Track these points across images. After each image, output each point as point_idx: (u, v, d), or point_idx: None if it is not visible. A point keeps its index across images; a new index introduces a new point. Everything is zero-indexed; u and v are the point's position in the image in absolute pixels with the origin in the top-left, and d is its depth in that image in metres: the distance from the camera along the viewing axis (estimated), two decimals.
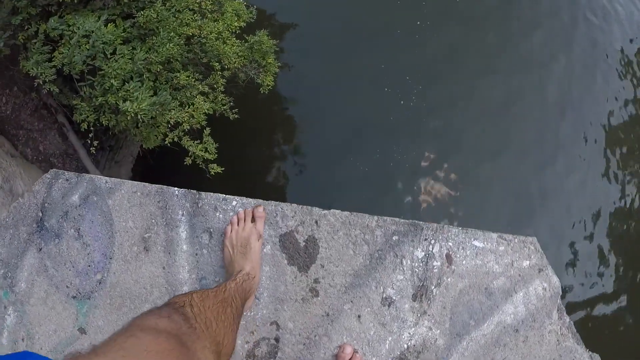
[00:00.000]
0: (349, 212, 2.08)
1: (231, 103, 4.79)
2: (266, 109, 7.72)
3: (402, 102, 8.08)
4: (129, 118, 4.04)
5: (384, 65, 8.33)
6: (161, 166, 6.70)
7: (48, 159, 6.12)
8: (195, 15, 4.61)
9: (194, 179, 4.64)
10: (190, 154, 4.37)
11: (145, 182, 2.24)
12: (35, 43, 4.91)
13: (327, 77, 8.12)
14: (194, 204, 2.15)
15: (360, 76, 8.20)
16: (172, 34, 4.31)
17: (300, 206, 2.10)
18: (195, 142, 4.38)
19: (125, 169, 6.83)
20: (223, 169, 4.51)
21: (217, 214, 2.13)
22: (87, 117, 4.42)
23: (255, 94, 5.43)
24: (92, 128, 4.42)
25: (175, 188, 2.21)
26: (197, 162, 4.41)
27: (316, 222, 2.06)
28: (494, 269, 2.00)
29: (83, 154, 5.97)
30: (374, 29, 8.65)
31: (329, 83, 8.09)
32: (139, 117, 3.89)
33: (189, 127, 4.29)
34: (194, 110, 4.06)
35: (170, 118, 3.99)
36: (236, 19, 4.79)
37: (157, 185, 2.21)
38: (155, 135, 4.42)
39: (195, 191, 2.18)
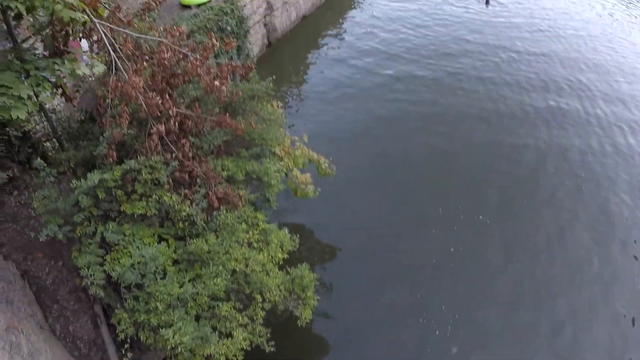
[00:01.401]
0: None
1: (268, 335, 4.84)
2: (302, 339, 7.64)
3: (437, 332, 7.98)
4: (169, 347, 4.11)
5: (419, 295, 8.48)
6: None
7: (75, 341, 6.05)
8: (242, 248, 5.05)
9: None
10: None
11: None
12: (91, 244, 5.38)
13: (362, 315, 8.26)
14: None
15: (394, 308, 8.32)
16: (220, 267, 4.68)
17: None
18: None
19: None
20: None
21: None
22: (127, 329, 4.53)
23: (293, 324, 5.49)
24: (128, 340, 4.49)
25: None
26: None
27: None
28: None
29: (112, 352, 5.85)
30: (412, 261, 9.14)
31: (364, 321, 8.19)
32: (179, 348, 3.96)
33: None
34: (231, 344, 4.12)
35: (209, 352, 4.04)
36: (280, 250, 5.20)
37: None
38: None
39: None
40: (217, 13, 13.81)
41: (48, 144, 7.97)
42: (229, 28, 13.89)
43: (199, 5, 14.06)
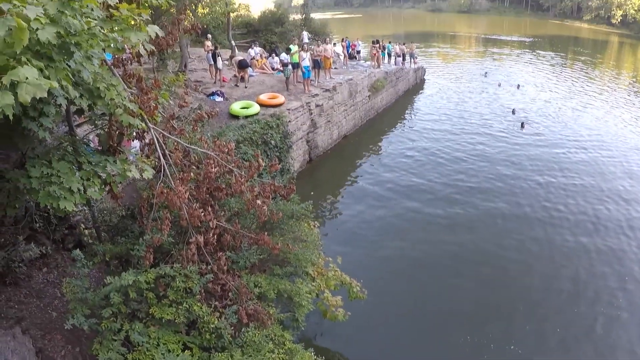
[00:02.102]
0: None
1: None
2: None
3: None
4: None
5: None
6: None
7: None
8: None
9: None
10: None
11: None
12: (115, 341, 5.27)
13: None
14: None
15: None
16: None
17: None
18: None
19: None
20: None
21: None
22: None
23: None
24: None
25: None
26: None
27: None
28: None
29: None
30: None
31: None
32: None
33: None
34: None
35: None
36: None
37: None
38: None
39: None
40: (263, 126, 14.76)
41: (86, 231, 8.19)
42: (273, 142, 14.76)
43: (247, 117, 15.08)
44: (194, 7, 20.96)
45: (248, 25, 34.84)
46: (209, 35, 21.25)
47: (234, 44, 25.93)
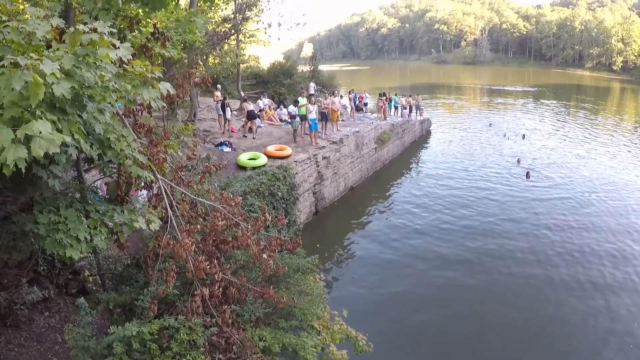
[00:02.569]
0: None
1: None
2: None
3: None
4: None
5: None
6: None
7: None
8: None
9: None
10: None
11: None
12: None
13: None
14: None
15: None
16: None
17: None
18: None
19: None
20: None
21: None
22: None
23: None
24: None
25: None
26: None
27: None
28: None
29: None
30: None
31: None
32: None
33: None
34: None
35: None
36: None
37: None
38: None
39: None
40: (270, 178, 14.79)
41: (90, 277, 8.09)
42: (280, 194, 14.77)
43: (254, 168, 15.19)
44: (205, 58, 21.67)
45: (257, 76, 35.67)
46: (219, 86, 21.89)
47: (243, 94, 26.66)
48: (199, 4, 17.78)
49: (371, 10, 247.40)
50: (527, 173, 22.73)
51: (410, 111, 30.41)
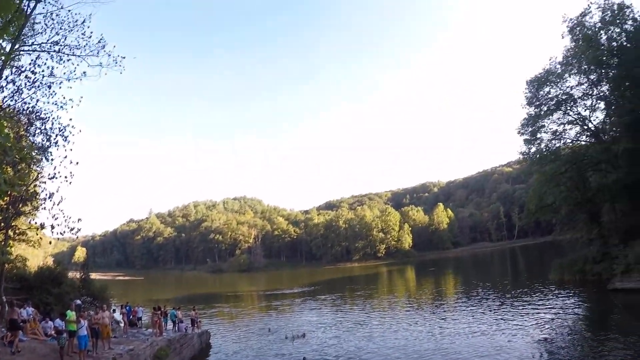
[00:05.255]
0: None
1: None
2: None
3: None
4: None
5: None
6: None
7: None
8: None
9: None
10: None
11: None
12: None
13: None
14: None
15: None
16: None
17: None
18: None
19: None
20: None
21: None
22: None
23: None
24: None
25: None
26: None
27: None
28: None
29: None
30: None
31: None
32: None
33: None
34: None
35: None
36: None
37: None
38: None
39: None
40: None
41: None
42: None
43: None
44: None
45: (22, 280, 30.50)
46: None
47: (4, 299, 22.60)
48: None
49: (148, 218, 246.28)
50: None
51: (193, 324, 28.91)
